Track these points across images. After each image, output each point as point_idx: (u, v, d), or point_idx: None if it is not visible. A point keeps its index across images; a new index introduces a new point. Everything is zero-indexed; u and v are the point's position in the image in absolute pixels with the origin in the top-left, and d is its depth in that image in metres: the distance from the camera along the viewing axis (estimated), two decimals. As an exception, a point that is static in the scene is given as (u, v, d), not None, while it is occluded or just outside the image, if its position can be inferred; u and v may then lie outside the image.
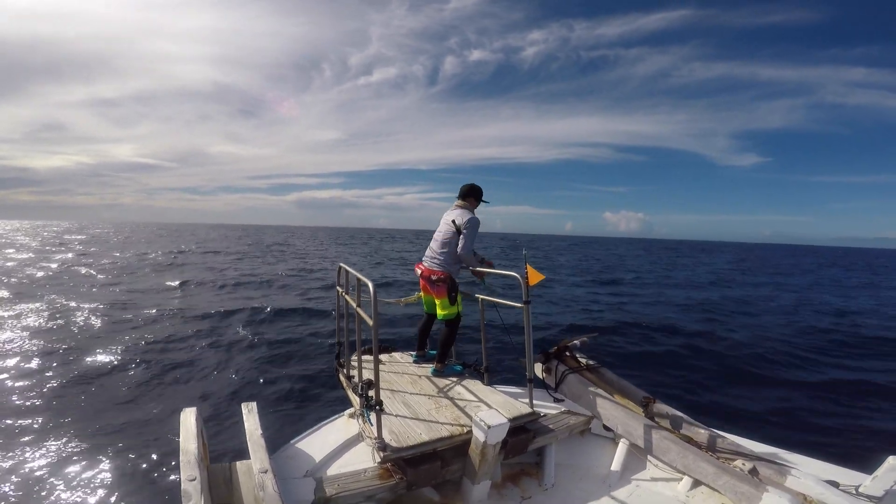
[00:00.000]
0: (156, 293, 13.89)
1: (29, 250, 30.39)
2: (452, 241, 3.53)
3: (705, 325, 11.10)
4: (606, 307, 13.67)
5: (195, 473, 2.11)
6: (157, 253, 29.54)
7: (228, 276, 18.07)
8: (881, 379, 7.23)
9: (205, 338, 8.86)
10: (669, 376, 7.11)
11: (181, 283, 15.68)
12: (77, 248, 34.00)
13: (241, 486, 2.32)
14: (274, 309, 11.34)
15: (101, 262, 22.67)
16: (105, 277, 17.21)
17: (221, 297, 13.56)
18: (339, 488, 2.32)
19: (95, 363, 7.24)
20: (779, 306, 15.23)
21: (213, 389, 6.49)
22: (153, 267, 21.28)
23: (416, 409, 2.94)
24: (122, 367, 7.12)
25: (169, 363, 7.33)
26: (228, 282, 16.42)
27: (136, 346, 8.14)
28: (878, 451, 2.48)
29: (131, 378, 6.74)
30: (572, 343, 3.83)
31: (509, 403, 3.03)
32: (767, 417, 5.61)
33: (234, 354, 8.02)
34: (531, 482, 2.94)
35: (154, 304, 11.96)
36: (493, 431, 2.35)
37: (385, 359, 3.99)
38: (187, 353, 7.93)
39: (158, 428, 5.19)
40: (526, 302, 2.98)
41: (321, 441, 2.92)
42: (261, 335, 9.12)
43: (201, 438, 2.52)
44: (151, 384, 6.57)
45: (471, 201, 3.68)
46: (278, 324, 10.29)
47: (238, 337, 9.02)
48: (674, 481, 2.72)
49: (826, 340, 9.98)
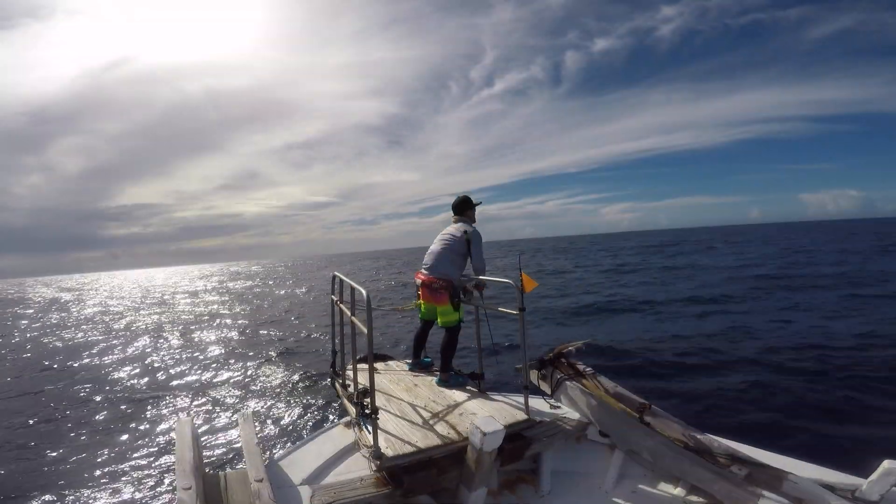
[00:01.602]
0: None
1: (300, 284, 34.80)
2: (455, 250, 3.61)
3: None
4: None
5: (191, 482, 2.10)
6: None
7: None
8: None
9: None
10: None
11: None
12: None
13: (237, 495, 2.31)
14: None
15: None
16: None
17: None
18: (335, 496, 2.31)
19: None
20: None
21: (205, 398, 6.45)
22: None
23: (411, 417, 2.93)
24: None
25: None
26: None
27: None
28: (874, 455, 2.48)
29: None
30: (568, 349, 3.83)
31: (505, 410, 3.03)
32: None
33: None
34: (527, 489, 2.93)
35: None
36: (489, 438, 2.35)
37: (381, 367, 3.97)
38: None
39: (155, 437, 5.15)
40: (521, 309, 2.99)
41: (317, 450, 2.91)
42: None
43: (197, 447, 2.51)
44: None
45: (468, 214, 3.80)
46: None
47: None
48: (670, 487, 2.72)
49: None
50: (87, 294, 41.73)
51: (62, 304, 31.44)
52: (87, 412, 6.26)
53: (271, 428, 5.53)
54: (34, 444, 5.31)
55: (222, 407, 6.22)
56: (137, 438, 5.22)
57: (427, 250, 3.78)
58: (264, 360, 8.66)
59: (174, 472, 2.20)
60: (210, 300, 25.38)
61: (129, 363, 9.36)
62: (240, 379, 7.40)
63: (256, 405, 6.26)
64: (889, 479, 2.13)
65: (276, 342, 10.16)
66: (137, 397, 6.73)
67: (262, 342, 10.05)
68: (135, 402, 6.52)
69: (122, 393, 7.12)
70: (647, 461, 2.82)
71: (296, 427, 5.52)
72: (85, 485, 4.23)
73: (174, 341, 11.61)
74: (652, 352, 8.29)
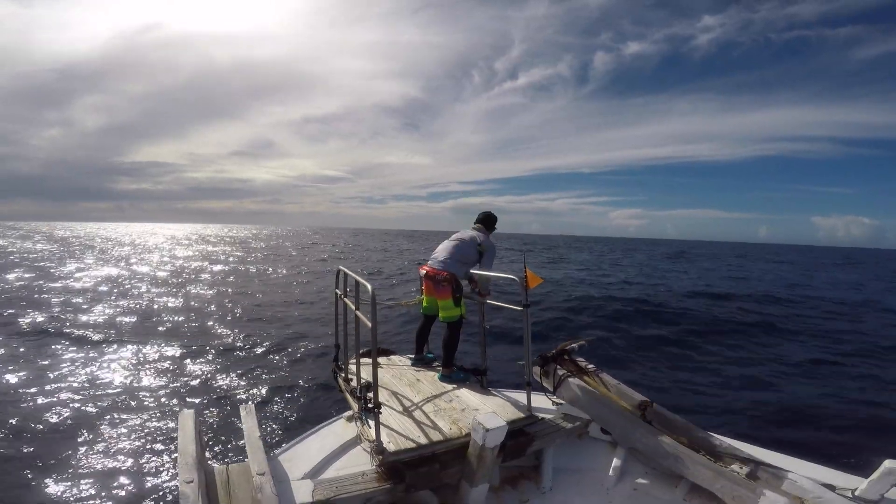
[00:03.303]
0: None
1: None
2: (466, 253, 3.69)
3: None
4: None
5: (193, 476, 2.11)
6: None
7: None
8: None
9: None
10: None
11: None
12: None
13: (239, 489, 2.32)
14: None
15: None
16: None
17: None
18: (337, 491, 2.32)
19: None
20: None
21: (209, 391, 6.48)
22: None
23: (414, 412, 2.94)
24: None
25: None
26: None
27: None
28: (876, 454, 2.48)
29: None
30: (570, 346, 3.83)
31: (507, 407, 3.03)
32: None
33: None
34: (529, 485, 2.94)
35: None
36: (492, 434, 2.36)
37: (383, 362, 3.98)
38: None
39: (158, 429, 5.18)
40: (525, 305, 2.98)
41: (319, 444, 2.92)
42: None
43: (199, 440, 2.52)
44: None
45: (487, 226, 3.94)
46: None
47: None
48: (671, 485, 2.73)
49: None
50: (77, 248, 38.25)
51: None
52: (84, 403, 6.30)
53: (274, 421, 5.56)
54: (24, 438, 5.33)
55: (225, 400, 6.26)
56: (138, 430, 5.25)
57: (432, 242, 3.80)
58: (267, 352, 8.69)
59: (176, 465, 2.21)
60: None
61: (128, 349, 9.39)
62: (242, 371, 7.43)
63: (259, 398, 6.29)
64: (889, 478, 2.13)
65: (278, 334, 10.20)
66: (136, 389, 6.76)
67: (265, 333, 10.08)
68: (134, 393, 6.55)
69: (122, 385, 7.15)
70: (649, 459, 2.83)
71: (298, 421, 5.55)
72: (84, 477, 4.26)
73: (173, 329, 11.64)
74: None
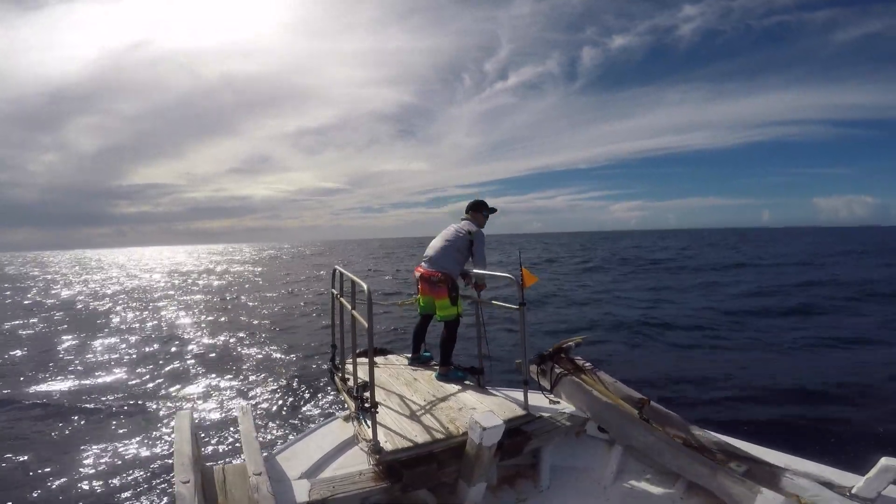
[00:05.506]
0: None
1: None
2: (457, 247, 3.64)
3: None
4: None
5: (189, 476, 2.10)
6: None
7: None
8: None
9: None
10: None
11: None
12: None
13: (236, 489, 2.31)
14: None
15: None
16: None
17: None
18: (334, 490, 2.31)
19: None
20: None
21: (206, 391, 6.46)
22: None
23: (411, 412, 2.93)
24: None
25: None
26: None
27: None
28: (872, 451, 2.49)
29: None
30: (567, 345, 3.83)
31: (504, 405, 3.03)
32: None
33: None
34: (527, 484, 2.93)
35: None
36: (489, 433, 2.35)
37: (380, 361, 3.97)
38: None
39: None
40: (521, 304, 2.98)
41: (316, 443, 2.91)
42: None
43: (195, 440, 2.51)
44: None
45: (478, 216, 3.87)
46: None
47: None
48: (668, 483, 2.73)
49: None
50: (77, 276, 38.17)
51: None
52: (80, 403, 6.27)
53: (270, 421, 5.55)
54: (24, 436, 5.31)
55: (221, 400, 6.24)
56: (134, 431, 5.23)
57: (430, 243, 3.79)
58: (264, 353, 8.68)
59: (172, 466, 2.20)
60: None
61: (123, 355, 9.37)
62: (239, 372, 7.41)
63: (255, 398, 6.27)
64: (886, 476, 2.13)
65: (276, 335, 10.19)
66: (134, 390, 6.74)
67: (263, 335, 10.08)
68: (131, 395, 6.53)
69: (118, 385, 7.12)
70: (646, 457, 2.83)
71: (295, 421, 5.54)
72: (80, 477, 4.23)
73: (171, 332, 11.62)
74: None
